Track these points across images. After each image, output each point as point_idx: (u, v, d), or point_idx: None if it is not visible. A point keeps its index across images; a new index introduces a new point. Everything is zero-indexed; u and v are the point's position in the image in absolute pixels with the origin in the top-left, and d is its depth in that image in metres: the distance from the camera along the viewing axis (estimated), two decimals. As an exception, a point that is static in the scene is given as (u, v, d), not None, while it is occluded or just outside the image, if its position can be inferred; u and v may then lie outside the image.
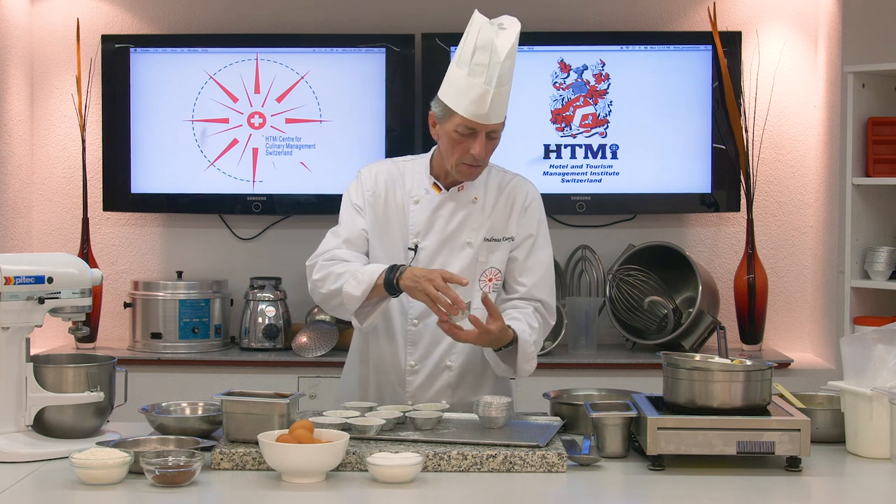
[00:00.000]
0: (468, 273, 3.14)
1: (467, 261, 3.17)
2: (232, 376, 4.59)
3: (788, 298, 5.05)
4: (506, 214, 3.20)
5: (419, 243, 3.17)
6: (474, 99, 3.00)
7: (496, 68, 2.99)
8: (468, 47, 3.02)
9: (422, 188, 3.19)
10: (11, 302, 2.85)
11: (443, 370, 3.21)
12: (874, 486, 2.69)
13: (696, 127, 4.85)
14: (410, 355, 3.20)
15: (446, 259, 3.16)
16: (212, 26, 5.05)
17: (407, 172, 3.22)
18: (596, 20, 5.02)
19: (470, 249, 3.17)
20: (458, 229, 3.18)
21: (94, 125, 5.00)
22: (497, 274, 3.20)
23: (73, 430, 2.90)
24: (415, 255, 3.16)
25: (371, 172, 3.24)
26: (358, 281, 3.04)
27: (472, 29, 3.03)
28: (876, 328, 2.92)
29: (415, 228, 3.18)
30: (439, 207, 3.17)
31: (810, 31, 4.96)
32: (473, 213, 3.18)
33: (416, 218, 3.18)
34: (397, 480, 2.57)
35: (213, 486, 2.57)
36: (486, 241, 3.18)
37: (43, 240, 5.09)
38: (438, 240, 3.17)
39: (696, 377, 2.76)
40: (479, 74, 3.00)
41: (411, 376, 3.21)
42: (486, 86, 3.00)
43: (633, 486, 2.65)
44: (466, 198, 3.18)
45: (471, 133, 3.04)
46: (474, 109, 3.01)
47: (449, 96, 3.05)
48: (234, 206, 4.96)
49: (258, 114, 4.92)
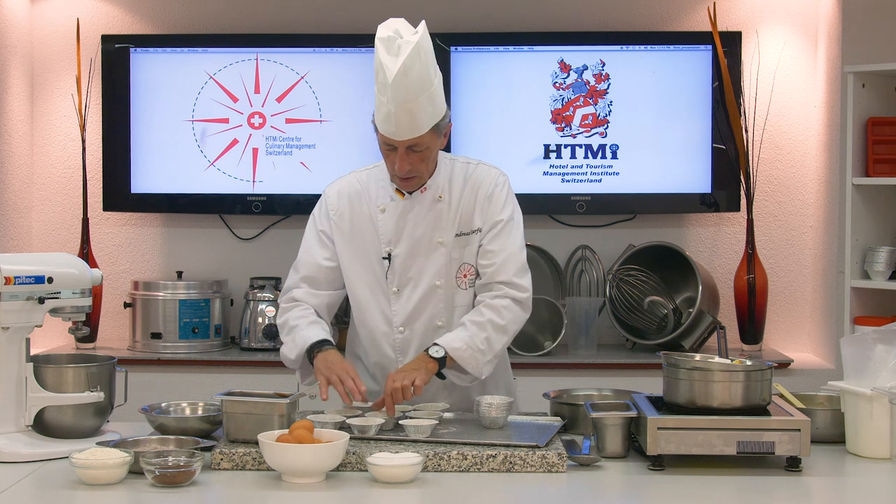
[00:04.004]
0: (445, 272, 3.15)
1: (442, 261, 3.16)
2: (232, 376, 4.59)
3: (788, 298, 5.05)
4: (471, 206, 3.17)
5: (392, 251, 3.16)
6: (386, 117, 3.00)
7: (389, 88, 2.96)
8: (375, 67, 3.00)
9: (386, 196, 3.18)
10: (11, 302, 2.85)
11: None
12: (874, 486, 2.69)
13: (696, 127, 4.85)
14: (401, 362, 3.18)
15: (422, 263, 3.15)
16: (212, 26, 5.05)
17: (371, 182, 3.22)
18: (596, 20, 5.02)
19: (443, 249, 3.16)
20: (429, 231, 3.16)
21: (94, 125, 5.00)
22: (470, 269, 3.18)
23: (73, 430, 2.90)
24: (390, 264, 3.16)
25: (333, 191, 3.25)
26: (295, 344, 3.13)
27: (375, 51, 3.00)
28: (876, 328, 2.92)
29: (385, 237, 3.17)
30: (406, 212, 3.16)
31: (810, 31, 4.96)
32: (441, 212, 3.16)
33: (384, 226, 3.17)
34: (397, 480, 2.57)
35: (213, 486, 2.57)
36: (458, 236, 3.16)
37: (43, 240, 5.09)
38: (410, 245, 3.15)
39: (696, 377, 2.76)
40: (384, 93, 2.99)
41: None
42: (389, 105, 2.98)
43: (633, 486, 2.65)
44: (431, 198, 3.16)
45: (392, 148, 3.05)
46: (386, 127, 3.01)
47: (375, 111, 3.06)
48: (234, 206, 4.95)
49: (258, 114, 4.92)
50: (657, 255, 4.83)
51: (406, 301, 3.16)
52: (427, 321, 3.16)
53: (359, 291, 3.20)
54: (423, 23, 3.04)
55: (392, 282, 3.16)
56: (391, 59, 2.95)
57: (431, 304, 3.16)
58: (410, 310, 3.16)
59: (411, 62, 2.94)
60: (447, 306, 3.16)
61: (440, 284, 3.15)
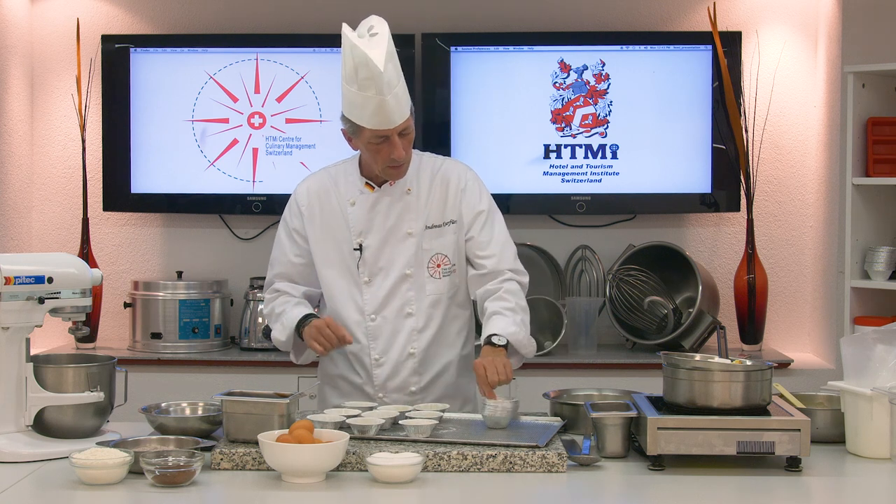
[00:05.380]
0: (415, 261, 3.28)
1: (412, 250, 3.28)
2: (232, 376, 4.59)
3: (788, 298, 5.05)
4: (442, 200, 3.31)
5: (363, 242, 3.28)
6: (374, 111, 3.10)
7: (380, 78, 3.07)
8: (349, 65, 3.10)
9: (355, 190, 3.31)
10: (11, 302, 2.86)
11: (406, 358, 3.31)
12: (874, 486, 2.69)
13: (696, 127, 4.85)
14: (373, 349, 3.30)
15: (392, 252, 3.28)
16: (212, 26, 5.05)
17: (339, 177, 3.34)
18: (596, 20, 5.02)
19: (412, 239, 3.28)
20: (398, 222, 3.28)
21: (94, 125, 4.99)
22: (444, 259, 3.30)
23: (73, 430, 2.90)
24: (361, 255, 3.28)
25: (303, 189, 3.38)
26: (283, 326, 3.29)
27: (346, 47, 3.11)
28: (876, 328, 2.92)
29: (356, 229, 3.29)
30: (375, 205, 3.29)
31: (810, 31, 4.96)
32: (410, 204, 3.29)
33: (355, 219, 3.29)
34: (397, 480, 2.57)
35: (213, 486, 2.57)
36: (428, 228, 3.29)
37: (43, 240, 5.09)
38: (380, 236, 3.28)
39: (696, 377, 2.76)
40: (368, 88, 3.08)
41: (377, 369, 3.31)
42: (378, 96, 3.09)
43: (633, 486, 2.65)
44: (400, 190, 3.29)
45: (384, 139, 3.15)
46: (378, 120, 3.11)
47: (351, 113, 3.15)
48: (234, 206, 4.96)
49: (258, 114, 4.92)
50: (657, 255, 4.83)
51: (377, 290, 3.29)
52: (398, 309, 3.29)
53: (332, 282, 3.32)
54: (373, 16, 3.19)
55: (363, 272, 3.29)
56: (374, 51, 3.07)
57: (401, 293, 3.28)
58: (381, 298, 3.28)
59: (391, 49, 3.11)
60: (417, 294, 3.29)
61: (410, 273, 3.28)
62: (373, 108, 3.09)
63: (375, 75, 3.06)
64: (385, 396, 3.30)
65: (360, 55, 3.06)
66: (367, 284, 3.28)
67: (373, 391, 3.31)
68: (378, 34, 3.11)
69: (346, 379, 3.35)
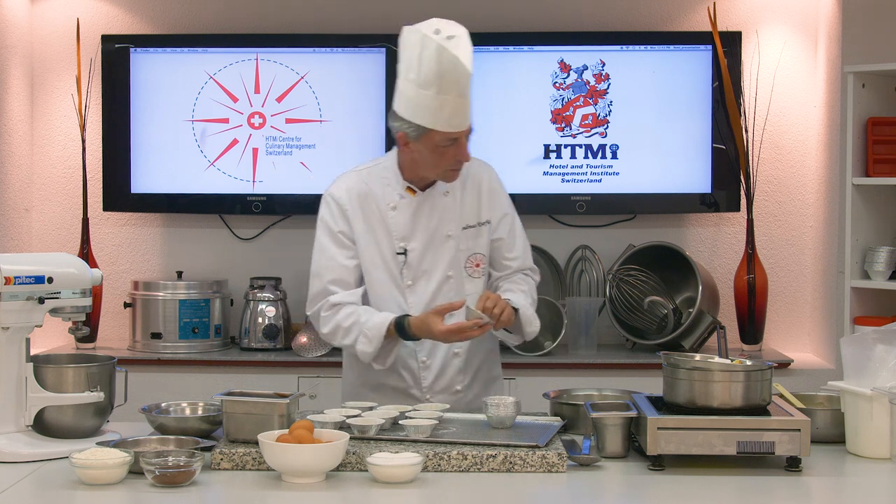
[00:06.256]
0: (454, 263, 3.29)
1: (452, 252, 3.29)
2: (232, 376, 4.59)
3: (788, 298, 5.05)
4: (475, 200, 3.33)
5: (406, 246, 3.27)
6: (451, 113, 3.09)
7: (466, 80, 3.08)
8: (430, 69, 3.05)
9: (395, 194, 3.28)
10: (11, 302, 2.85)
11: (452, 358, 3.33)
12: (874, 486, 2.69)
13: (696, 127, 4.85)
14: (420, 352, 3.32)
15: (434, 255, 3.28)
16: (212, 26, 5.05)
17: (374, 181, 3.30)
18: (596, 20, 5.02)
19: (452, 241, 3.29)
20: (439, 225, 3.29)
21: (94, 125, 4.99)
22: (482, 258, 3.33)
23: (73, 430, 2.90)
24: (405, 259, 3.27)
25: (341, 190, 3.31)
26: (368, 339, 3.19)
27: (430, 50, 3.06)
28: (876, 328, 2.92)
29: (399, 233, 3.27)
30: (418, 209, 3.28)
31: (810, 31, 4.96)
32: (448, 207, 3.29)
33: (397, 223, 3.27)
34: (397, 480, 2.57)
35: (213, 486, 2.58)
36: (465, 229, 3.30)
37: (43, 240, 5.09)
38: (424, 240, 3.28)
39: (696, 377, 2.76)
40: (451, 90, 3.07)
41: (425, 371, 3.33)
42: (459, 98, 3.09)
43: (633, 486, 2.65)
44: (438, 193, 3.29)
45: (453, 142, 3.14)
46: (455, 122, 3.11)
47: (422, 118, 3.11)
48: (234, 206, 4.95)
49: (258, 114, 4.92)
50: (657, 255, 4.83)
51: (422, 293, 3.28)
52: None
53: (377, 286, 3.29)
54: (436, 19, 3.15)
55: (407, 276, 3.28)
56: (462, 54, 3.05)
57: (444, 294, 3.29)
58: (426, 301, 3.27)
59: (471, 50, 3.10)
60: (458, 295, 3.28)
61: (451, 275, 3.29)
62: (450, 110, 3.08)
63: (462, 77, 3.05)
64: (432, 398, 3.31)
65: (450, 58, 3.03)
66: (410, 288, 3.28)
67: (419, 393, 3.31)
68: (456, 36, 3.07)
69: (389, 385, 3.33)
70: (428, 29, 3.08)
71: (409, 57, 3.10)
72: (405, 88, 3.12)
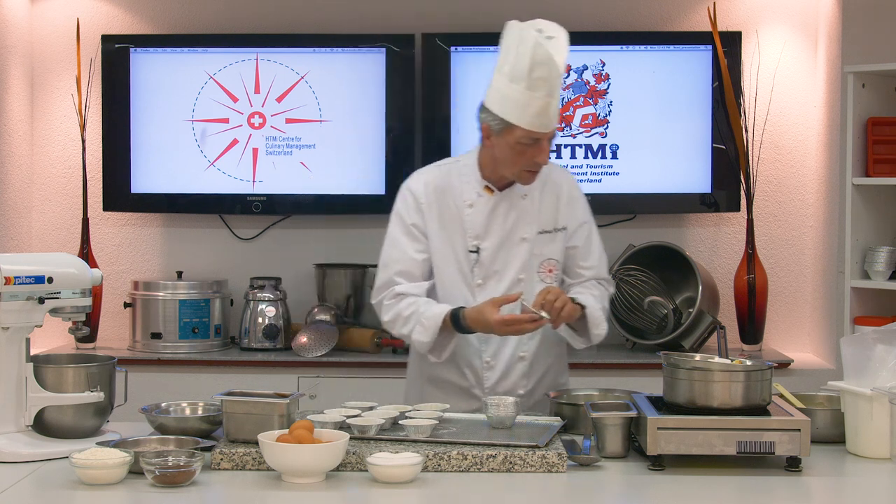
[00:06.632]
0: (526, 267, 3.27)
1: (525, 256, 3.27)
2: (232, 376, 4.59)
3: (788, 298, 5.05)
4: (553, 206, 3.31)
5: (480, 245, 3.26)
6: (537, 112, 3.08)
7: (556, 80, 3.07)
8: (523, 63, 3.06)
9: (473, 192, 3.27)
10: (11, 302, 2.85)
11: (517, 361, 3.31)
12: (874, 486, 2.69)
13: (696, 127, 4.85)
14: (485, 352, 3.30)
15: (506, 257, 3.27)
16: (212, 26, 5.05)
17: (453, 177, 3.29)
18: (596, 20, 5.02)
19: (526, 244, 3.27)
20: (514, 227, 3.27)
21: (94, 125, 4.99)
22: (555, 264, 3.30)
23: (73, 430, 2.90)
24: (478, 258, 3.26)
25: (419, 183, 3.30)
26: (424, 328, 3.18)
27: (526, 45, 3.06)
28: (876, 328, 2.92)
29: (473, 231, 3.26)
30: (494, 209, 3.26)
31: (810, 31, 4.96)
32: (525, 210, 3.28)
33: (472, 221, 3.26)
34: (397, 480, 2.57)
35: (213, 486, 2.57)
36: (540, 234, 3.28)
37: (43, 240, 5.09)
38: (497, 240, 3.27)
39: (696, 377, 2.76)
40: (540, 88, 3.06)
41: (488, 372, 3.30)
42: (548, 98, 3.07)
43: (633, 486, 2.65)
44: (516, 195, 3.28)
45: (534, 142, 3.12)
46: (539, 121, 3.09)
47: (508, 112, 3.10)
48: (234, 206, 4.95)
49: (258, 114, 4.92)
50: (657, 255, 4.83)
51: (491, 293, 3.24)
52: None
53: (447, 283, 3.28)
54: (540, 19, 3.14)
55: (478, 274, 3.27)
56: (556, 53, 3.04)
57: None
58: None
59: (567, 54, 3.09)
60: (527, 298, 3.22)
61: (523, 278, 3.27)
62: (537, 108, 3.06)
63: (553, 77, 3.05)
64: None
65: (544, 54, 3.03)
66: (479, 287, 3.26)
67: (481, 394, 3.29)
68: (556, 38, 3.07)
69: (451, 382, 3.32)
70: (530, 26, 3.09)
71: (507, 50, 3.11)
72: (497, 82, 3.13)
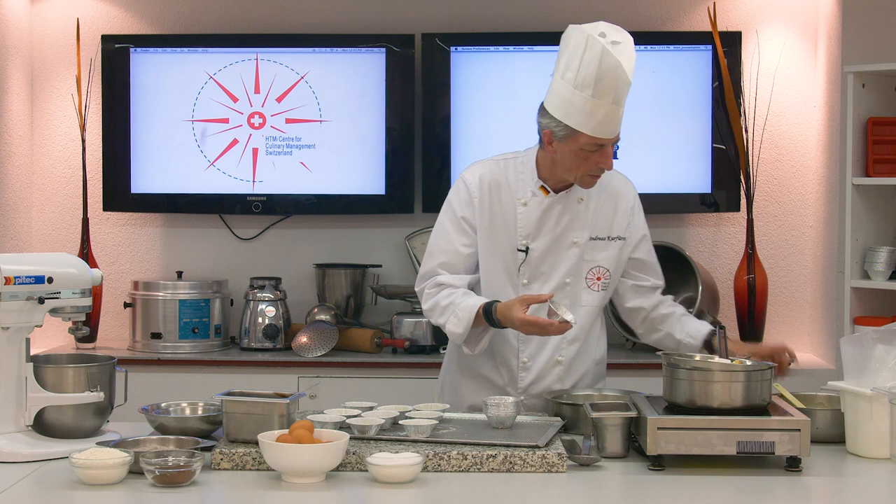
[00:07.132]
0: (574, 271, 3.25)
1: (574, 260, 3.25)
2: (232, 376, 4.59)
3: (788, 298, 5.05)
4: (610, 213, 3.29)
5: (529, 245, 3.24)
6: (602, 119, 3.06)
7: (624, 88, 3.05)
8: (589, 69, 3.03)
9: (528, 191, 3.25)
10: (11, 302, 2.85)
11: (553, 365, 3.29)
12: (874, 486, 2.69)
13: (696, 127, 4.85)
14: (523, 352, 3.28)
15: (555, 259, 3.24)
16: (212, 26, 5.05)
17: (510, 173, 3.27)
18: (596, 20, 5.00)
19: (576, 249, 3.25)
20: (566, 230, 3.25)
21: (94, 125, 5.00)
22: (605, 273, 3.29)
23: (73, 430, 2.90)
24: (525, 258, 3.23)
25: (474, 177, 3.27)
26: (459, 319, 3.16)
27: (593, 52, 3.04)
28: (876, 328, 2.92)
29: (524, 230, 3.24)
30: (548, 210, 3.24)
31: (810, 31, 4.96)
32: (579, 214, 3.25)
33: (524, 220, 3.24)
34: (397, 480, 2.57)
35: (213, 486, 2.58)
36: (592, 240, 3.26)
37: (43, 240, 5.09)
38: (547, 242, 3.24)
39: (696, 377, 2.76)
40: (606, 95, 3.04)
41: (523, 372, 3.29)
42: (614, 105, 3.06)
43: (633, 486, 2.65)
44: (572, 199, 3.25)
45: (598, 148, 3.10)
46: (604, 128, 3.07)
47: (571, 118, 3.08)
48: (234, 206, 4.95)
49: (258, 114, 4.92)
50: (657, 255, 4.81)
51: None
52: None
53: (492, 279, 3.26)
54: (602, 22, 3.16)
55: (524, 274, 3.24)
56: (624, 59, 3.03)
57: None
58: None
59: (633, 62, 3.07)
60: (572, 304, 3.24)
61: (570, 282, 3.26)
62: (602, 115, 3.04)
63: (621, 84, 3.03)
64: (526, 400, 3.26)
65: (612, 62, 3.01)
66: (525, 287, 3.23)
67: (514, 393, 3.27)
68: (622, 43, 3.06)
69: (486, 377, 3.31)
70: (594, 30, 3.07)
71: (571, 56, 3.08)
72: (560, 87, 3.10)
